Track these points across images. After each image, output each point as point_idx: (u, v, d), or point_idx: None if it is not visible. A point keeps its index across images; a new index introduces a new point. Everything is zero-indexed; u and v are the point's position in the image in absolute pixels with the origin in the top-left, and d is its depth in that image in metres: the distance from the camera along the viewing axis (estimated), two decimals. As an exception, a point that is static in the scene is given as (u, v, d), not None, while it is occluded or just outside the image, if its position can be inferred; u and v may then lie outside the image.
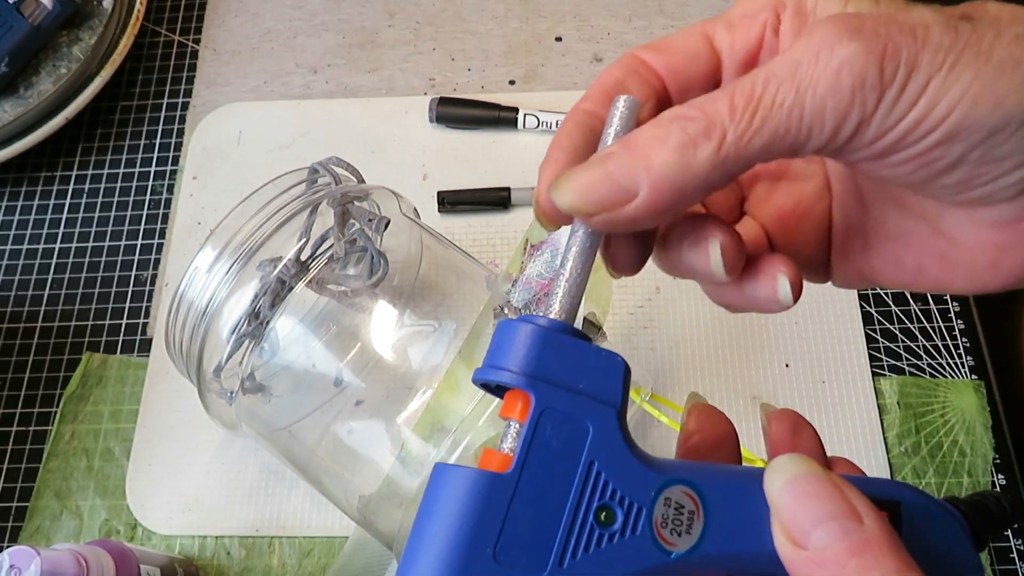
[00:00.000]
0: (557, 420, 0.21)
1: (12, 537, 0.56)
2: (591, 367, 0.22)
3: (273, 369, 0.47)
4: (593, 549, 0.21)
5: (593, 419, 0.21)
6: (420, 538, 0.20)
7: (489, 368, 0.22)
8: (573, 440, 0.21)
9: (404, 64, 0.70)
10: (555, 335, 0.22)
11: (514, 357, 0.22)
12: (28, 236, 0.66)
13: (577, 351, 0.22)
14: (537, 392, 0.21)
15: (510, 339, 0.22)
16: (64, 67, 0.66)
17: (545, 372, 0.21)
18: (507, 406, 0.22)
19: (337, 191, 0.46)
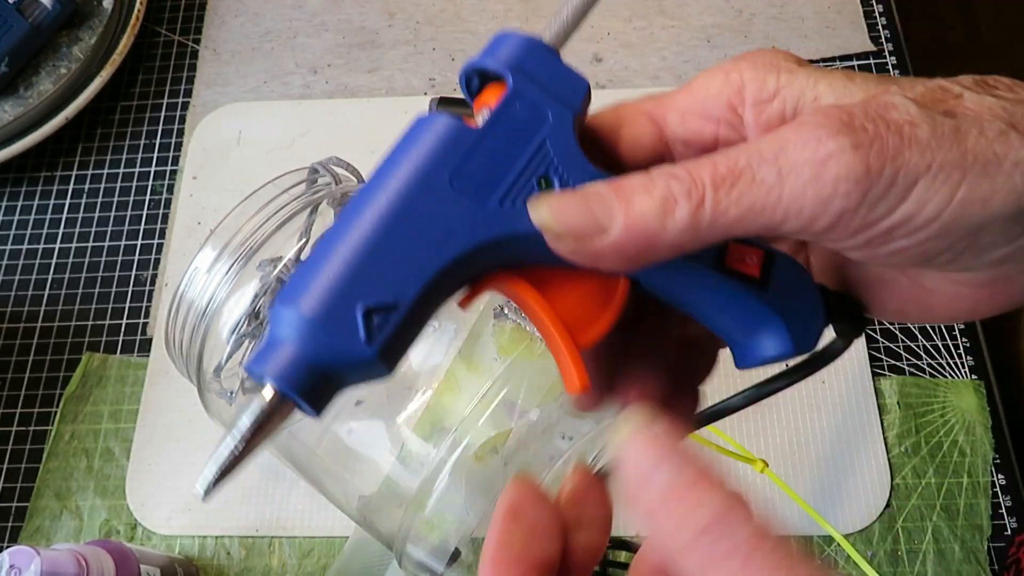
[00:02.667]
0: (524, 103, 0.25)
1: (12, 537, 0.56)
2: (561, 77, 0.26)
3: (273, 369, 0.47)
4: (527, 202, 0.24)
5: (554, 111, 0.25)
6: (390, 161, 0.24)
7: (480, 57, 0.26)
8: (534, 121, 0.25)
9: (404, 64, 0.70)
10: (540, 46, 0.26)
11: (503, 52, 0.26)
12: (28, 236, 0.66)
13: (554, 64, 0.26)
14: (514, 78, 0.25)
15: (504, 41, 0.26)
16: (64, 67, 0.66)
17: (524, 68, 0.25)
18: (485, 96, 0.26)
19: (337, 191, 0.46)
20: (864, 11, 0.69)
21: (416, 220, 0.23)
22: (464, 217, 0.24)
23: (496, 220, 0.24)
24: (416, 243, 0.23)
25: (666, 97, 0.26)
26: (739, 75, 0.25)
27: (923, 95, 0.23)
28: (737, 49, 0.68)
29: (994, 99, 0.23)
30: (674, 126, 0.26)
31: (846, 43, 0.68)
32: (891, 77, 0.24)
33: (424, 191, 0.24)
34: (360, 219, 0.23)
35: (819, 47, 0.68)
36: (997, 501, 0.52)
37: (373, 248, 0.23)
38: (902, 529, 0.52)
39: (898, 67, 0.67)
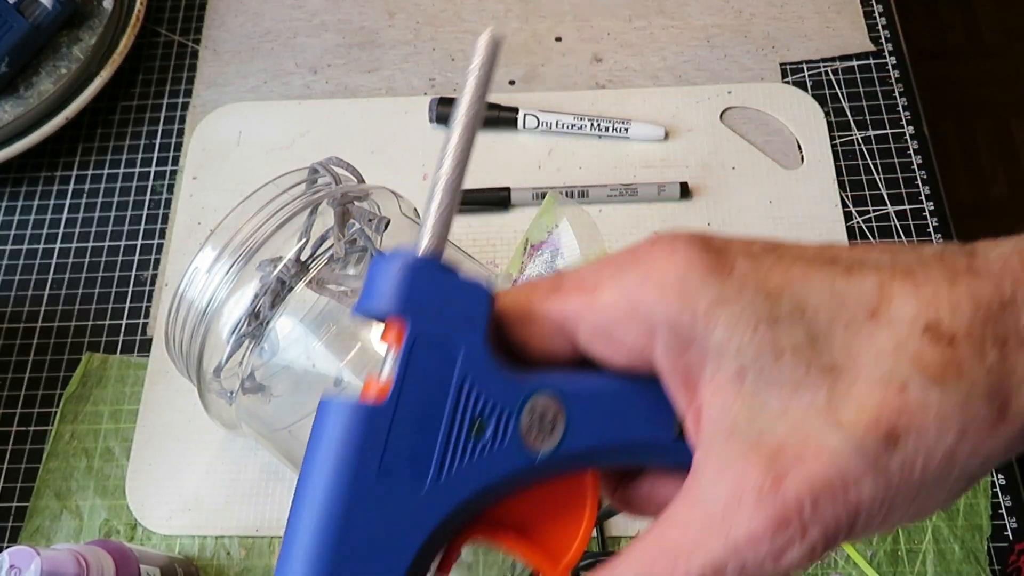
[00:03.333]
0: (430, 343, 0.23)
1: (12, 537, 0.56)
2: (459, 294, 0.24)
3: (273, 369, 0.47)
4: (467, 460, 0.23)
5: (463, 339, 0.23)
6: (312, 466, 0.22)
7: (365, 300, 0.24)
8: (445, 361, 0.23)
9: (404, 64, 0.70)
10: (425, 265, 0.24)
11: (388, 289, 0.23)
12: (28, 236, 0.66)
13: (446, 280, 0.24)
14: (411, 319, 0.23)
15: (384, 273, 0.24)
16: (64, 67, 0.66)
17: (417, 300, 0.23)
18: (385, 333, 0.24)
19: (337, 191, 0.46)
20: (864, 11, 0.69)
21: (361, 530, 0.22)
22: (406, 509, 0.22)
23: (440, 498, 0.23)
24: (368, 558, 0.22)
25: (572, 305, 0.24)
26: (648, 308, 0.23)
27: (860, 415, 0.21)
28: (737, 49, 0.68)
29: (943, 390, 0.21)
30: (584, 343, 0.24)
31: (846, 43, 0.68)
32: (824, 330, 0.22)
33: (358, 494, 0.22)
34: (304, 548, 0.22)
35: (819, 47, 0.68)
36: (997, 501, 0.52)
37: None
38: (902, 529, 0.52)
39: (898, 67, 0.67)
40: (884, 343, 0.22)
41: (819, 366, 0.22)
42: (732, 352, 0.22)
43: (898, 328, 0.22)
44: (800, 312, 0.22)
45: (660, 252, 0.23)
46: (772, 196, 0.62)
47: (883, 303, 0.22)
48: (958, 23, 1.56)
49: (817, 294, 0.22)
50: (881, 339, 0.22)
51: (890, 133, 0.64)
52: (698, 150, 0.64)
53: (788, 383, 0.22)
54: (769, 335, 0.22)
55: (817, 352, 0.22)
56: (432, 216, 0.24)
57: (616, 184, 0.62)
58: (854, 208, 0.62)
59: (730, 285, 0.22)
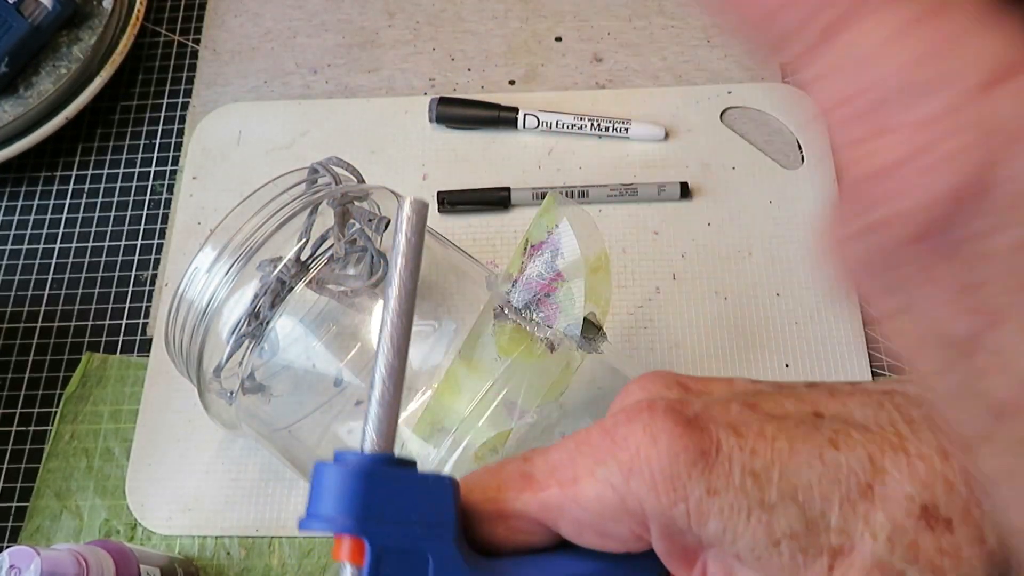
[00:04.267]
0: (395, 558, 0.20)
1: (12, 537, 0.56)
2: (420, 495, 0.21)
3: (273, 369, 0.47)
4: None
5: (431, 548, 0.21)
6: None
7: (313, 518, 0.21)
8: (415, 574, 0.21)
9: (404, 64, 0.70)
10: (378, 469, 0.21)
11: (338, 502, 0.21)
12: (28, 236, 0.65)
13: (403, 481, 0.21)
14: (370, 535, 0.20)
15: (330, 483, 0.21)
16: (64, 67, 0.66)
17: (373, 511, 0.21)
18: (337, 548, 0.21)
19: (337, 191, 0.46)
20: (864, 11, 0.69)
21: None
22: None
23: None
24: None
25: (551, 499, 0.23)
26: (638, 503, 0.22)
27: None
28: (737, 49, 0.68)
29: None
30: (570, 535, 0.23)
31: (846, 43, 0.68)
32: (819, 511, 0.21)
33: None
34: None
35: (819, 47, 0.68)
36: (997, 501, 0.52)
37: None
38: (902, 529, 0.52)
39: (898, 67, 0.67)
40: (880, 525, 0.21)
41: (815, 550, 0.21)
42: (728, 542, 0.22)
43: (894, 509, 0.21)
44: (792, 493, 0.21)
45: (640, 439, 0.22)
46: (772, 196, 0.62)
47: (876, 479, 0.21)
48: (958, 23, 1.56)
49: (807, 471, 0.21)
50: (877, 521, 0.21)
51: (890, 133, 0.64)
52: (698, 150, 0.64)
53: (786, 569, 0.21)
54: (763, 524, 0.21)
55: (813, 536, 0.21)
56: (375, 407, 0.22)
57: (616, 184, 0.62)
58: (854, 208, 0.61)
59: (718, 471, 0.21)
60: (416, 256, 0.23)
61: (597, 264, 0.44)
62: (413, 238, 0.23)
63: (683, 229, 0.61)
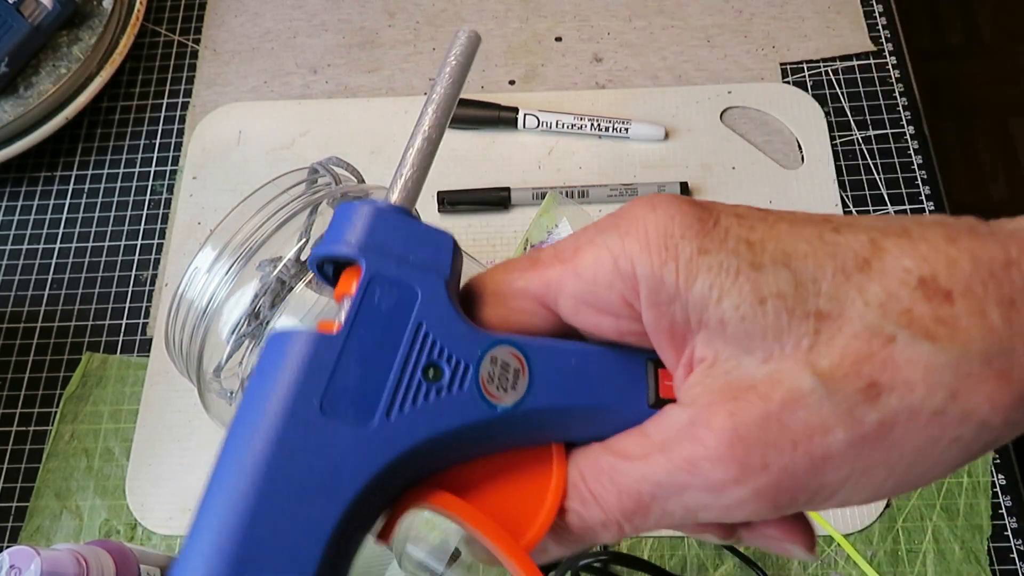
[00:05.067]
0: (386, 285, 0.22)
1: (12, 537, 0.56)
2: (421, 241, 0.23)
3: (273, 369, 0.47)
4: (420, 402, 0.21)
5: (422, 285, 0.22)
6: (250, 397, 0.21)
7: (324, 243, 0.23)
8: (402, 303, 0.22)
9: (404, 64, 0.70)
10: (388, 213, 0.23)
11: (348, 232, 0.23)
12: (28, 236, 0.66)
13: (409, 227, 0.23)
14: (367, 260, 0.22)
15: (346, 218, 0.23)
16: (64, 67, 0.66)
17: (376, 244, 0.22)
18: (342, 284, 0.23)
19: (337, 191, 0.46)
20: (864, 11, 0.69)
21: (295, 467, 0.20)
22: (348, 448, 0.20)
23: (388, 438, 0.21)
24: (301, 497, 0.20)
25: (552, 275, 0.23)
26: (629, 264, 0.22)
27: (841, 362, 0.20)
28: (737, 49, 0.68)
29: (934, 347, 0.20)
30: (568, 314, 0.23)
31: (846, 43, 0.68)
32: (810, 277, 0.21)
33: (294, 429, 0.20)
34: (232, 480, 0.20)
35: (819, 47, 0.68)
36: (997, 501, 0.52)
37: (253, 518, 0.19)
38: (902, 529, 0.52)
39: (898, 67, 0.67)
40: (874, 294, 0.20)
41: (802, 312, 0.21)
42: (713, 301, 0.21)
43: (890, 280, 0.20)
44: (785, 260, 0.21)
45: (641, 209, 0.23)
46: (772, 196, 0.62)
47: (875, 255, 0.21)
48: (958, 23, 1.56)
49: (804, 245, 0.21)
50: (871, 290, 0.20)
51: (890, 133, 0.64)
52: (698, 150, 0.64)
53: (770, 330, 0.21)
54: (750, 282, 0.21)
55: (801, 299, 0.21)
56: (407, 167, 0.24)
57: (616, 184, 0.62)
58: (854, 208, 0.62)
59: (713, 236, 0.22)
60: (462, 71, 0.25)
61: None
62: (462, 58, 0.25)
63: (683, 229, 0.61)
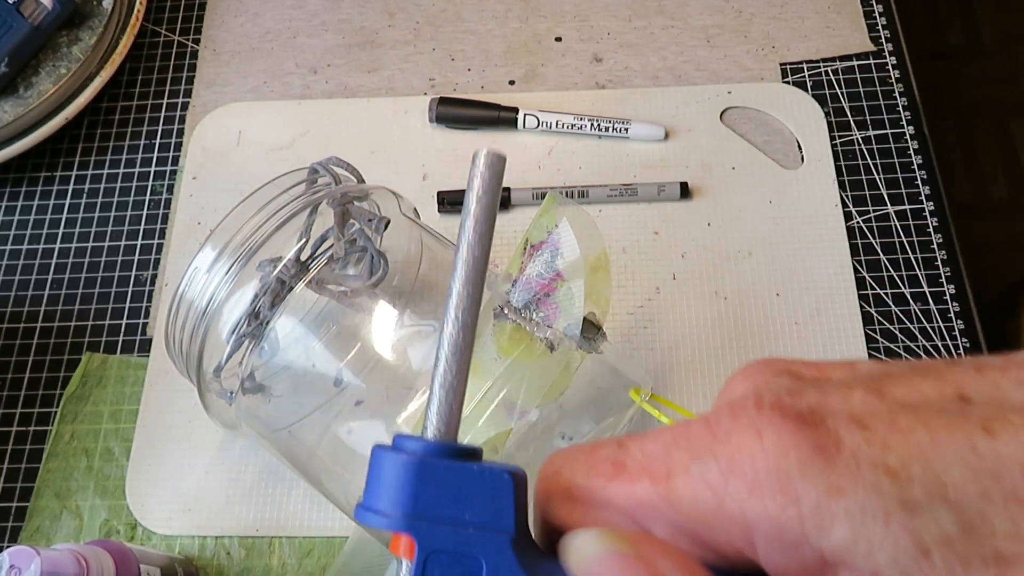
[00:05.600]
0: (445, 561, 0.19)
1: (12, 537, 0.56)
2: (476, 492, 0.20)
3: (273, 369, 0.47)
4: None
5: (485, 552, 0.19)
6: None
7: (365, 512, 0.20)
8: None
9: (404, 64, 0.70)
10: (432, 462, 0.20)
11: (389, 496, 0.19)
12: (28, 236, 0.66)
13: (459, 476, 0.20)
14: (419, 534, 0.19)
15: (385, 473, 0.20)
16: (64, 67, 0.66)
17: (425, 508, 0.19)
18: (394, 544, 0.20)
19: (337, 191, 0.46)
20: (864, 11, 0.69)
21: None
22: None
23: None
24: None
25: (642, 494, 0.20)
26: (739, 510, 0.18)
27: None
28: (737, 49, 0.68)
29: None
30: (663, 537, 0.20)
31: (846, 43, 0.68)
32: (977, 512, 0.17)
33: None
34: None
35: (819, 47, 0.68)
36: (997, 501, 0.52)
37: None
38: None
39: (898, 67, 0.67)
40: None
41: (979, 560, 0.17)
42: (863, 554, 0.17)
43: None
44: (941, 493, 0.17)
45: (744, 435, 0.19)
46: (772, 196, 0.62)
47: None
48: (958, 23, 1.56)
49: (957, 465, 0.17)
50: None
51: (890, 133, 0.64)
52: (698, 150, 0.64)
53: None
54: (907, 529, 0.17)
55: (974, 542, 0.17)
56: (438, 389, 0.20)
57: (616, 184, 0.62)
58: (854, 208, 0.62)
59: (841, 469, 0.18)
60: (489, 219, 0.21)
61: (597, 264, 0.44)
62: (485, 198, 0.20)
63: (683, 229, 0.61)
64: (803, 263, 0.59)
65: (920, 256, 0.60)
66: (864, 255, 0.60)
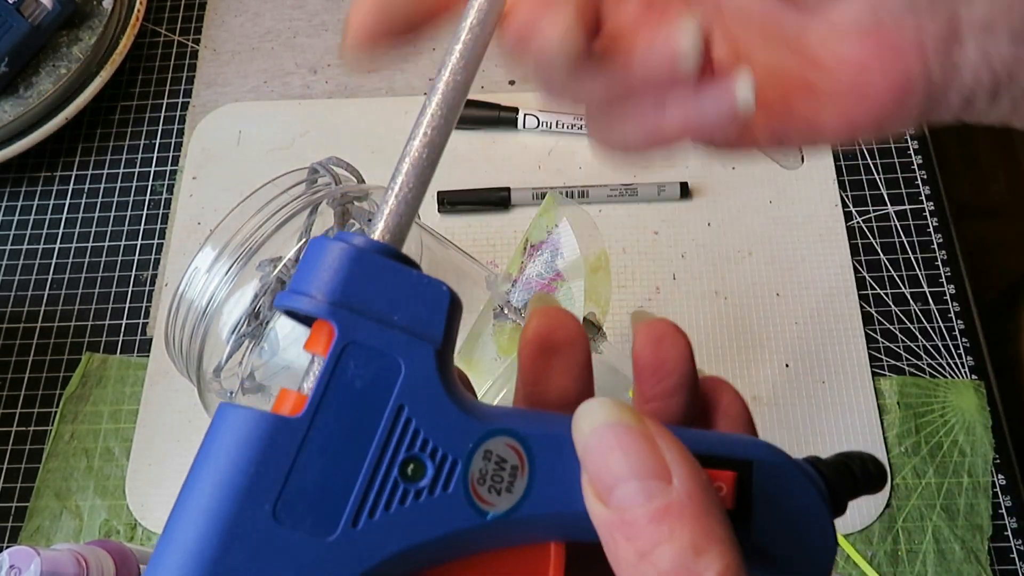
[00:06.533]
0: (363, 356, 0.18)
1: (12, 537, 0.56)
2: (411, 296, 0.19)
3: (273, 369, 0.47)
4: (395, 507, 0.18)
5: (407, 357, 0.18)
6: (189, 491, 0.18)
7: (290, 294, 0.19)
8: (381, 380, 0.18)
9: (404, 64, 0.70)
10: (371, 257, 0.19)
11: (319, 281, 0.18)
12: (28, 236, 0.66)
13: (396, 277, 0.19)
14: (341, 322, 0.18)
15: (319, 260, 0.19)
16: (64, 67, 0.66)
17: (354, 299, 0.18)
18: (312, 338, 0.19)
19: (337, 191, 0.46)
20: (864, 11, 0.69)
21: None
22: (305, 565, 0.17)
23: (353, 552, 0.17)
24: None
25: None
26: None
27: None
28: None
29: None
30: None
31: (846, 43, 0.68)
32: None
33: (239, 540, 0.17)
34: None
35: (819, 47, 0.68)
36: (997, 501, 0.52)
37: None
38: (902, 529, 0.52)
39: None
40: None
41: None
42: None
43: None
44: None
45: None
46: (772, 196, 0.62)
47: None
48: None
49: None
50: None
51: (890, 133, 0.64)
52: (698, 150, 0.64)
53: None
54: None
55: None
56: (393, 194, 0.20)
57: (616, 184, 0.62)
58: (854, 208, 0.62)
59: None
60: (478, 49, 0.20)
61: (597, 264, 0.44)
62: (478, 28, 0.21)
63: (683, 229, 0.61)
64: (803, 263, 0.59)
65: (920, 256, 0.60)
66: (864, 255, 0.60)
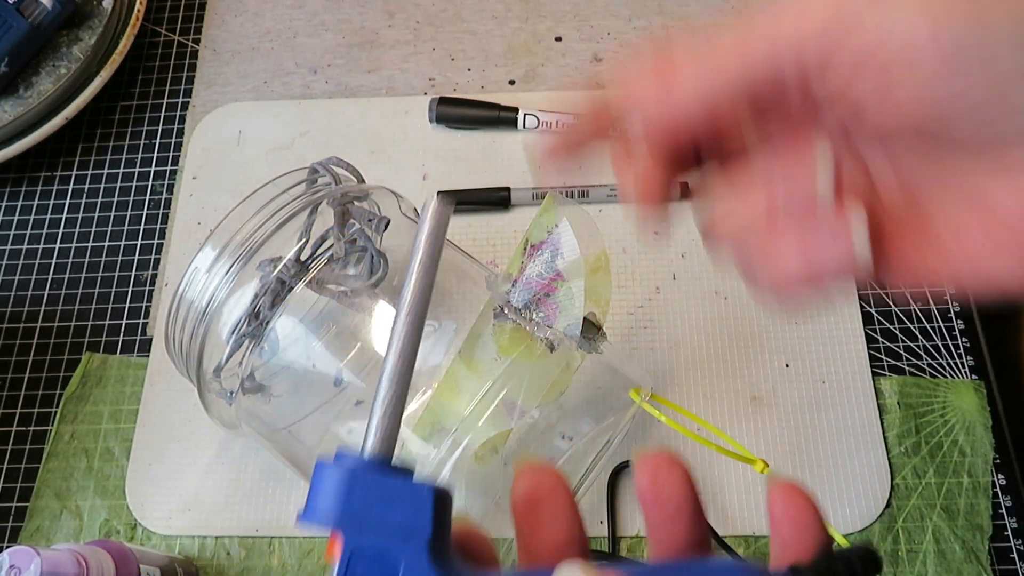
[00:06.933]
0: (367, 558, 0.22)
1: (12, 537, 0.56)
2: (399, 501, 0.22)
3: (273, 369, 0.47)
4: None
5: (403, 552, 0.22)
6: None
7: (307, 511, 0.23)
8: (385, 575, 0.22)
9: (404, 64, 0.70)
10: (362, 475, 0.23)
11: (324, 501, 0.22)
12: (28, 236, 0.66)
13: (385, 487, 0.22)
14: (345, 532, 0.22)
15: (323, 483, 0.23)
16: (64, 67, 0.66)
17: (353, 512, 0.22)
18: (328, 548, 0.23)
19: (337, 191, 0.46)
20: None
21: None
22: None
23: None
24: None
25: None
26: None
27: None
28: (737, 49, 0.68)
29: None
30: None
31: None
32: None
33: None
34: None
35: (819, 47, 0.68)
36: (998, 501, 0.52)
37: None
38: (902, 529, 0.52)
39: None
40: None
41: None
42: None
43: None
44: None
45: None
46: (772, 196, 0.62)
47: None
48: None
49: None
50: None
51: (890, 133, 0.64)
52: (698, 150, 0.64)
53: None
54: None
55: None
56: (378, 412, 0.23)
57: (616, 184, 0.62)
58: (854, 208, 0.61)
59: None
60: (433, 261, 0.24)
61: (597, 264, 0.44)
62: (431, 239, 0.24)
63: (683, 229, 0.61)
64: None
65: (920, 256, 0.60)
66: (864, 255, 0.60)
